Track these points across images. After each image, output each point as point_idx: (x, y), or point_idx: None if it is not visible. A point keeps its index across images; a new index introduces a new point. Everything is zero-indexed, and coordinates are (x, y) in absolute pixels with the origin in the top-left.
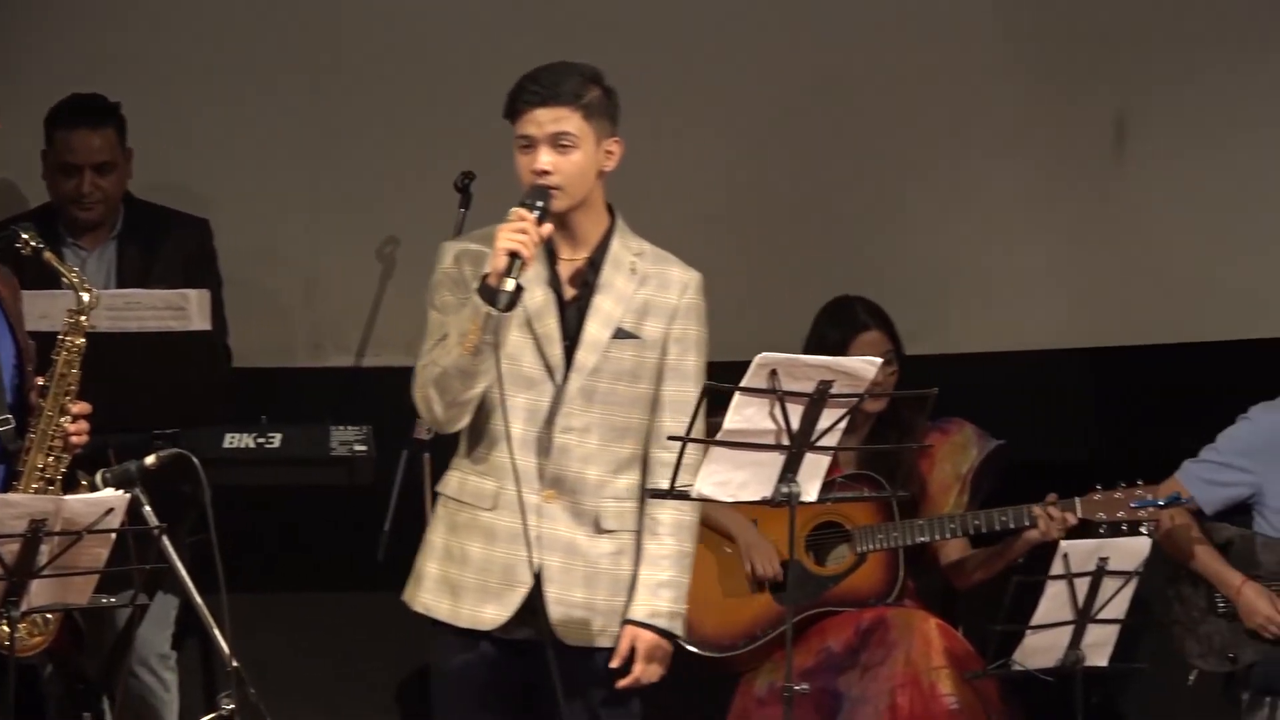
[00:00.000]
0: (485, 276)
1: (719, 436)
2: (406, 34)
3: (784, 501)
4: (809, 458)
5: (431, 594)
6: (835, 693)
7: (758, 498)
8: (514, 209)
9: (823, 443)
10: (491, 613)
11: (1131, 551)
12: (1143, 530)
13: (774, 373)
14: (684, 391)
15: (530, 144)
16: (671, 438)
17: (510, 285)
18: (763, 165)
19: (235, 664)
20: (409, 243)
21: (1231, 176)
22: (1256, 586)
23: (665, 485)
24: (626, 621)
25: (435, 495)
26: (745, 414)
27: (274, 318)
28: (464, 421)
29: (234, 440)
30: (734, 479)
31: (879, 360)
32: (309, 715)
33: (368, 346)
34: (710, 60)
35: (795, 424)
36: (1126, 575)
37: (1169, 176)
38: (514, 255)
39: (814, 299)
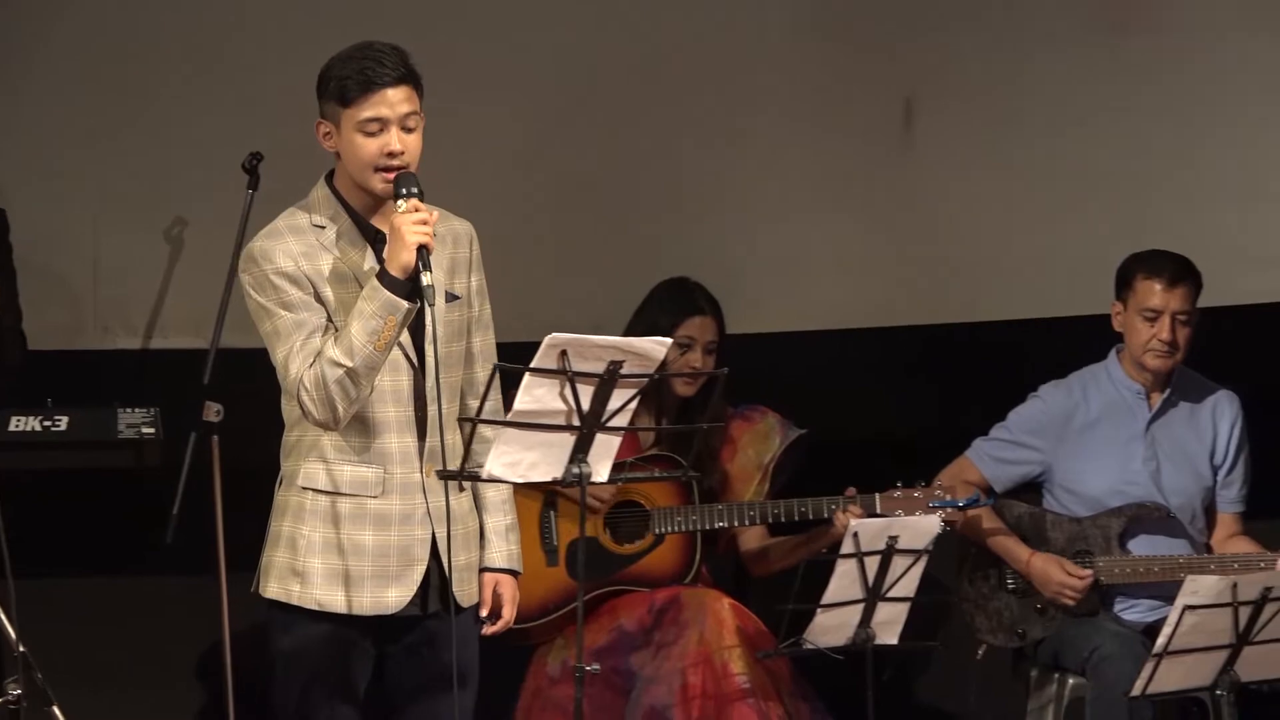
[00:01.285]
0: (382, 270)
1: (509, 417)
2: (192, 15)
3: (574, 482)
4: (600, 438)
5: (323, 589)
6: (628, 671)
7: (548, 478)
8: (406, 201)
9: (613, 423)
10: (395, 595)
11: (921, 530)
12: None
13: (564, 353)
14: (488, 340)
15: (383, 126)
16: (462, 419)
17: (429, 278)
18: (557, 144)
19: (22, 649)
20: (196, 224)
21: (1019, 157)
22: (1045, 555)
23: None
24: (486, 569)
25: (302, 490)
26: (535, 394)
27: (61, 300)
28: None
29: (19, 423)
30: (524, 459)
31: (669, 341)
32: (97, 699)
33: (155, 329)
34: (503, 35)
35: (586, 404)
36: (916, 553)
37: (958, 157)
38: (422, 247)
39: (609, 279)
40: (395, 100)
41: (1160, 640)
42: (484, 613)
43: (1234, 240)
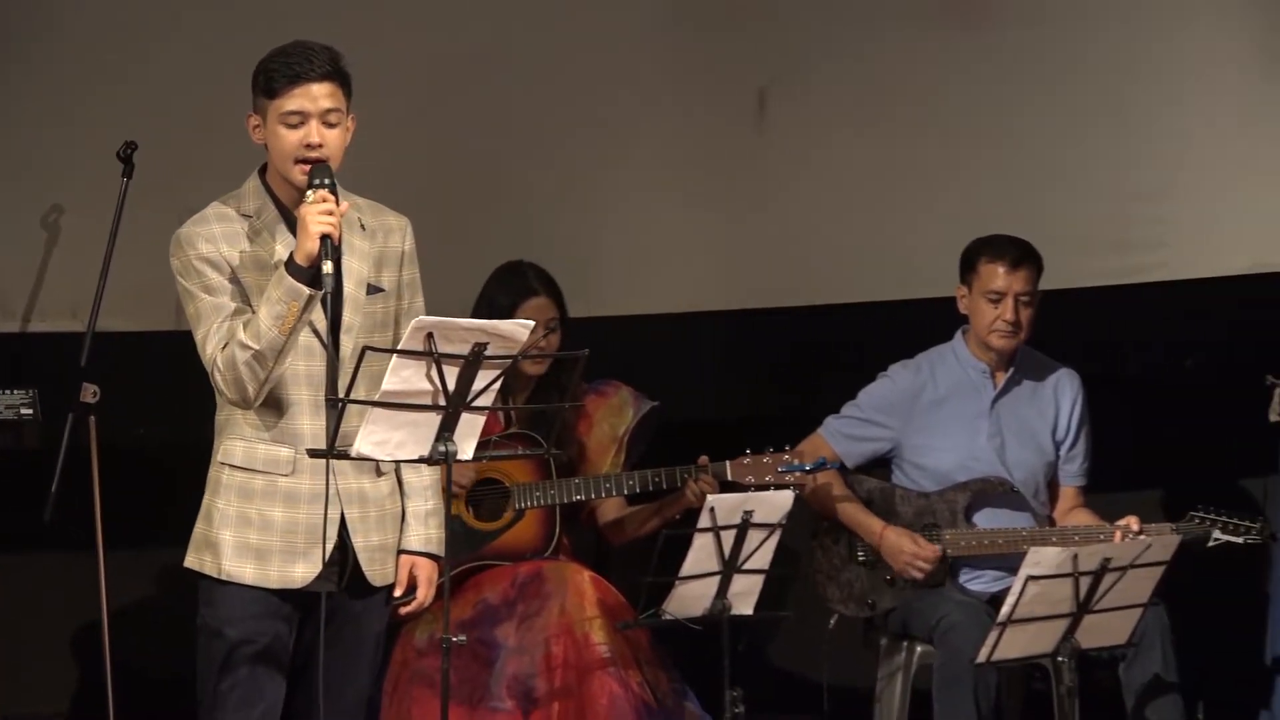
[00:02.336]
0: (290, 258)
1: (376, 397)
2: (67, 3)
3: (441, 460)
4: (465, 417)
5: (233, 561)
6: (493, 643)
7: (415, 456)
8: (314, 191)
9: (478, 403)
10: (302, 570)
11: (775, 505)
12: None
13: (430, 335)
14: None
15: (303, 119)
16: (329, 400)
17: (329, 267)
18: (415, 129)
19: None
20: (73, 211)
21: (870, 145)
22: (897, 529)
23: None
24: (403, 551)
25: (220, 465)
26: (402, 375)
27: None
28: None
29: None
30: (392, 439)
31: (531, 323)
32: None
33: (33, 312)
34: (356, 24)
35: (451, 385)
36: (770, 527)
37: (809, 146)
38: (325, 237)
39: (467, 262)
40: (318, 95)
41: (1004, 609)
42: (398, 593)
43: (1075, 225)
